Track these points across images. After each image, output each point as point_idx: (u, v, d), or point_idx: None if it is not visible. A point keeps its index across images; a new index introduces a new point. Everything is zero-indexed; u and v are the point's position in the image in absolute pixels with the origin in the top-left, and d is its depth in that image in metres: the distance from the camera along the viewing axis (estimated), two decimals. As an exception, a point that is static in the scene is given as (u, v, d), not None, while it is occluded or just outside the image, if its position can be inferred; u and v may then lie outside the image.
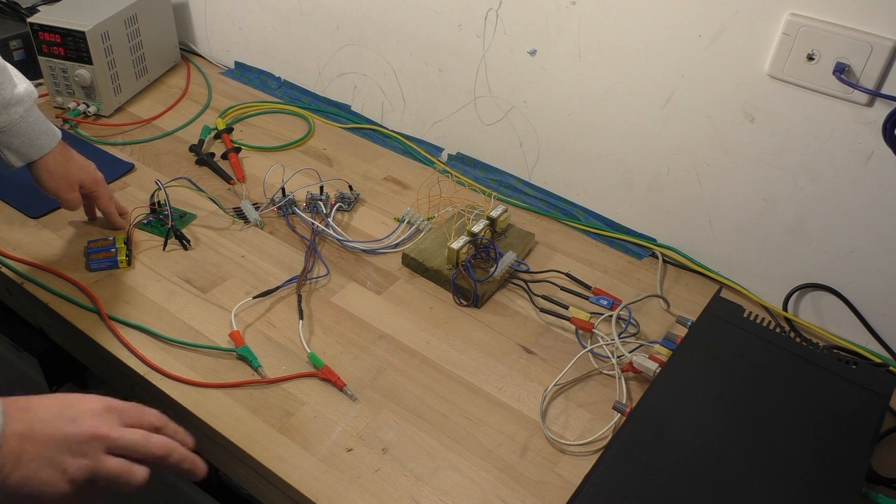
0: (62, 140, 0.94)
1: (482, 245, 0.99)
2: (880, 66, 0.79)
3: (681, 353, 0.79)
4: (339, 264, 1.00)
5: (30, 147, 0.89)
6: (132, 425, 0.57)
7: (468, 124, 1.20)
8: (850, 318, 0.94)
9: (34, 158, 0.90)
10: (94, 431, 0.53)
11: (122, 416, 0.56)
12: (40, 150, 0.90)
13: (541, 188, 1.17)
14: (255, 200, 1.09)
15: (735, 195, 0.97)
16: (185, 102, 1.35)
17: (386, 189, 1.17)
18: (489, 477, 0.74)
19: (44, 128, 0.91)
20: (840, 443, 0.69)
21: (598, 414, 0.82)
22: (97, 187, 0.97)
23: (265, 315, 0.90)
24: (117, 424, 0.55)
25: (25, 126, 0.88)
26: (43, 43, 1.20)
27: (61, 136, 0.94)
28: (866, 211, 0.88)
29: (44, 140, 0.90)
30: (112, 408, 0.56)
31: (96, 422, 0.54)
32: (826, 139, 0.87)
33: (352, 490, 0.71)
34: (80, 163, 0.96)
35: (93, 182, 0.96)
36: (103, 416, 0.54)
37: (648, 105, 0.99)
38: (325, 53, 1.32)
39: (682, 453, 0.67)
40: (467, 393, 0.83)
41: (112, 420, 0.55)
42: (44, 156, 0.91)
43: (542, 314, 0.94)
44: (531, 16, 1.03)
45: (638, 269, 1.05)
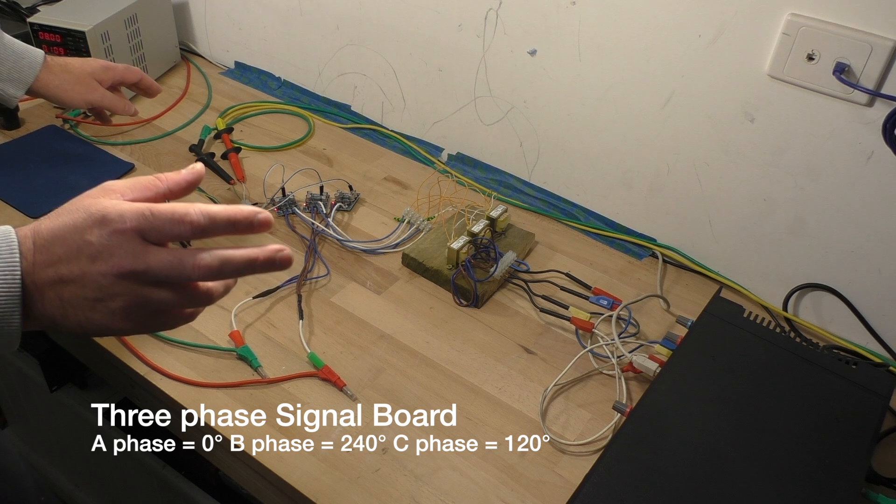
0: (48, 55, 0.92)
1: (482, 245, 0.99)
2: (880, 66, 0.79)
3: (681, 353, 0.79)
4: (339, 264, 1.00)
5: (19, 70, 0.87)
6: (161, 238, 0.46)
7: (468, 124, 1.20)
8: (850, 318, 0.94)
9: (30, 80, 0.88)
10: (121, 268, 0.45)
11: (145, 234, 0.45)
12: (31, 70, 0.88)
13: (541, 188, 1.17)
14: (255, 200, 1.09)
15: (735, 195, 0.97)
16: (185, 102, 1.35)
17: (386, 189, 1.17)
18: (489, 477, 0.74)
19: (21, 48, 0.88)
20: (840, 443, 0.69)
21: (598, 414, 0.82)
22: (111, 71, 0.93)
23: (265, 315, 0.90)
24: (143, 249, 0.45)
25: (2, 48, 0.85)
26: (43, 43, 1.20)
27: (44, 52, 0.92)
28: (866, 211, 0.88)
29: (29, 58, 0.88)
30: (131, 230, 0.45)
31: (118, 256, 0.44)
32: (826, 139, 0.87)
33: (352, 490, 0.71)
34: (78, 62, 0.93)
35: (103, 69, 0.93)
36: (124, 244, 0.45)
37: (648, 105, 0.99)
38: (325, 53, 1.32)
39: (682, 453, 0.67)
40: (467, 393, 0.83)
41: (136, 245, 0.45)
42: (39, 74, 0.88)
43: (542, 314, 0.94)
44: (531, 16, 1.03)
45: (638, 269, 1.05)
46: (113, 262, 0.45)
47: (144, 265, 0.45)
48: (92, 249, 0.44)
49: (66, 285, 0.45)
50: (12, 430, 1.42)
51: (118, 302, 0.46)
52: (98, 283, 0.45)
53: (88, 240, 0.44)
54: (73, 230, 0.45)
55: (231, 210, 0.47)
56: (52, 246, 0.45)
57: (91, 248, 0.44)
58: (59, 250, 0.45)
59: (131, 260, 0.45)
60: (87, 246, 0.44)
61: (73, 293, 0.45)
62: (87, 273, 0.45)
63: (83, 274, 0.45)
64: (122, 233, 0.45)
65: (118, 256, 0.45)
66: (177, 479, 1.01)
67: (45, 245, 0.45)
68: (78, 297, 0.45)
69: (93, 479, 1.28)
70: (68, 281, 0.45)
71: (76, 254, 0.45)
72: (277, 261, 0.47)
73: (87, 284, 0.45)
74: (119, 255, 0.45)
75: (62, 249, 0.45)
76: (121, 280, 0.45)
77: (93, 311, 0.46)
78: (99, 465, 1.20)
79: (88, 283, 0.45)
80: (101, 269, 0.45)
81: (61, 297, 0.45)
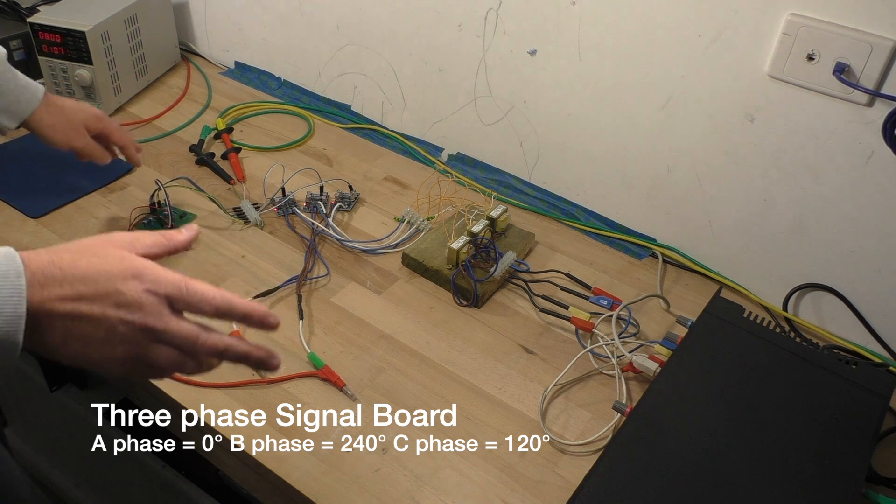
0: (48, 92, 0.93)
1: (482, 245, 0.99)
2: (880, 66, 0.79)
3: (681, 353, 0.79)
4: (339, 264, 1.00)
5: (17, 103, 0.88)
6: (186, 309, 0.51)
7: (468, 124, 1.20)
8: (850, 318, 0.94)
9: (26, 115, 0.89)
10: (146, 326, 0.49)
11: (176, 304, 0.50)
12: (29, 105, 0.89)
13: (541, 188, 1.17)
14: (255, 200, 1.09)
15: (735, 195, 0.97)
16: (185, 102, 1.35)
17: (386, 189, 1.17)
18: (489, 477, 0.74)
19: (24, 83, 0.90)
20: (840, 443, 0.69)
21: (598, 414, 0.82)
22: (102, 122, 0.96)
23: (265, 315, 0.90)
24: (168, 312, 0.50)
25: (6, 82, 0.86)
26: (43, 43, 1.20)
27: (44, 89, 0.93)
28: (866, 211, 0.88)
29: (29, 94, 0.89)
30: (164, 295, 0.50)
31: (148, 315, 0.49)
32: (826, 139, 0.87)
33: (352, 490, 0.71)
34: (74, 106, 0.95)
35: (95, 119, 0.95)
36: (153, 304, 0.49)
37: (648, 105, 0.99)
38: (325, 53, 1.32)
39: (682, 453, 0.67)
40: (467, 393, 0.83)
41: (162, 309, 0.49)
42: (36, 110, 0.90)
43: (542, 314, 0.94)
44: (531, 16, 1.03)
45: (638, 269, 1.05)
46: (138, 316, 0.48)
47: (164, 326, 0.49)
48: (122, 298, 0.48)
49: (80, 322, 0.47)
50: (12, 430, 1.42)
51: (123, 349, 0.49)
52: (115, 328, 0.48)
53: (120, 289, 0.48)
54: (105, 275, 0.48)
55: (249, 306, 0.53)
56: (77, 283, 0.47)
57: (121, 297, 0.48)
58: (85, 289, 0.47)
59: (155, 319, 0.49)
60: (118, 294, 0.48)
61: (84, 330, 0.48)
62: (108, 317, 0.48)
63: (104, 317, 0.48)
64: (155, 294, 0.49)
65: (144, 312, 0.48)
66: (177, 479, 1.01)
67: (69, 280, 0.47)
68: (86, 335, 0.48)
69: (93, 479, 1.28)
70: (86, 318, 0.47)
71: (103, 297, 0.48)
72: (268, 363, 0.54)
73: (102, 326, 0.48)
74: (145, 311, 0.48)
75: (88, 289, 0.47)
76: (137, 332, 0.48)
77: (93, 349, 0.48)
78: (99, 465, 1.20)
79: (104, 326, 0.48)
80: (124, 318, 0.48)
81: (70, 330, 0.47)
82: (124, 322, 0.48)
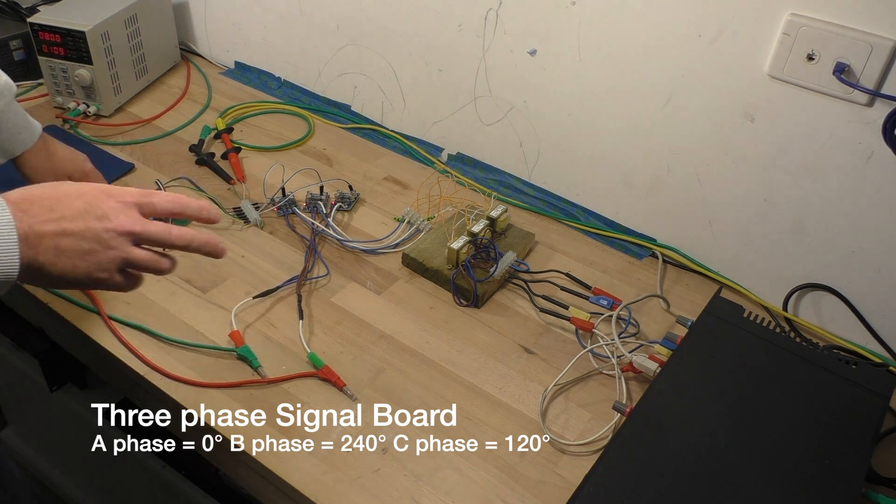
0: (46, 134, 0.93)
1: (482, 245, 0.99)
2: (880, 66, 0.79)
3: (681, 353, 0.79)
4: (339, 264, 1.00)
5: (11, 142, 0.88)
6: (153, 215, 0.60)
7: (468, 124, 1.20)
8: (850, 318, 0.94)
9: (16, 154, 0.90)
10: (122, 227, 0.57)
11: (142, 208, 0.59)
12: (22, 145, 0.89)
13: (541, 188, 1.17)
14: (255, 200, 1.09)
15: (735, 195, 0.97)
16: (185, 102, 1.35)
17: (386, 189, 1.17)
18: (489, 477, 0.74)
19: (24, 122, 0.90)
20: (840, 443, 0.69)
21: (598, 414, 0.82)
22: (88, 179, 0.95)
23: (265, 315, 0.90)
24: (140, 218, 0.58)
25: (5, 121, 0.87)
26: (43, 43, 1.20)
27: (41, 130, 0.93)
28: (866, 211, 0.88)
29: (25, 134, 0.90)
30: (132, 203, 0.58)
31: (122, 218, 0.57)
32: (826, 139, 0.87)
33: (352, 490, 0.71)
34: (65, 156, 0.94)
35: (82, 175, 0.95)
36: (126, 211, 0.58)
37: (648, 105, 0.99)
38: (325, 53, 1.32)
39: (683, 453, 0.67)
40: (467, 393, 0.83)
41: (135, 215, 0.58)
42: (26, 151, 0.90)
43: (542, 314, 0.94)
44: (531, 16, 1.03)
45: (638, 269, 1.05)
46: (118, 223, 0.57)
47: (142, 227, 0.58)
48: (99, 211, 0.56)
49: (66, 237, 0.55)
50: (12, 430, 1.42)
51: (109, 255, 0.57)
52: (99, 237, 0.56)
53: (96, 204, 0.56)
54: (78, 196, 0.56)
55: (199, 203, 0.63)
56: (56, 205, 0.55)
57: (98, 210, 0.56)
58: (64, 210, 0.55)
59: (132, 223, 0.57)
60: (95, 209, 0.56)
61: (72, 244, 0.55)
62: (91, 228, 0.56)
63: (86, 229, 0.55)
64: (125, 203, 0.58)
65: (122, 219, 0.57)
66: (177, 479, 1.01)
67: (46, 205, 0.55)
68: (74, 248, 0.55)
69: (93, 479, 1.28)
70: (71, 234, 0.55)
71: (82, 214, 0.55)
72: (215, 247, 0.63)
73: (87, 237, 0.55)
74: (122, 218, 0.57)
75: (67, 209, 0.55)
76: (119, 236, 0.57)
77: (82, 261, 0.56)
78: (99, 465, 1.20)
79: (89, 237, 0.56)
80: (107, 227, 0.56)
81: (58, 246, 0.54)
82: (107, 230, 0.56)
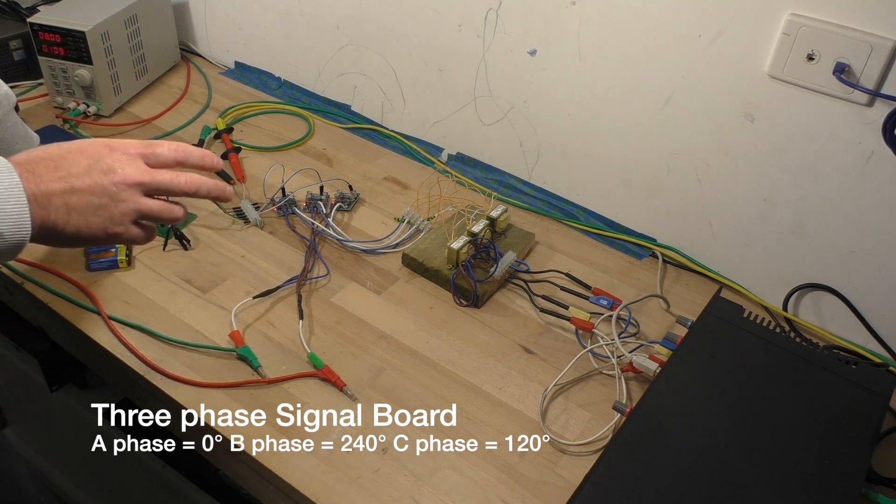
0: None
1: (482, 245, 0.99)
2: (880, 66, 0.79)
3: (681, 353, 0.79)
4: (339, 264, 1.00)
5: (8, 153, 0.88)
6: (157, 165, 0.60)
7: (468, 124, 1.20)
8: (850, 318, 0.94)
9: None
10: (129, 179, 0.57)
11: (147, 158, 0.59)
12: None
13: (541, 188, 1.17)
14: (255, 200, 1.09)
15: (735, 195, 0.97)
16: (185, 102, 1.35)
17: (386, 189, 1.17)
18: (489, 477, 0.74)
19: (21, 133, 0.90)
20: (840, 443, 0.69)
21: (598, 414, 0.82)
22: None
23: (265, 315, 0.90)
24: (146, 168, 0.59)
25: (4, 130, 0.87)
26: (43, 43, 1.20)
27: (39, 142, 0.93)
28: (866, 211, 0.88)
29: (21, 146, 0.90)
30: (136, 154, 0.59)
31: (128, 170, 0.57)
32: (826, 139, 0.87)
33: (352, 490, 0.71)
34: None
35: None
36: (132, 163, 0.58)
37: (648, 105, 0.99)
38: (325, 53, 1.32)
39: (683, 453, 0.67)
40: (467, 393, 0.83)
41: (141, 165, 0.58)
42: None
43: (542, 314, 0.94)
44: (531, 16, 1.03)
45: (638, 269, 1.05)
46: (125, 174, 0.57)
47: (150, 177, 0.58)
48: (105, 166, 0.56)
49: (75, 194, 0.55)
50: (12, 430, 1.42)
51: (120, 208, 0.57)
52: (108, 191, 0.56)
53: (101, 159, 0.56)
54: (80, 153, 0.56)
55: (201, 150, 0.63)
56: (61, 163, 0.55)
57: (104, 164, 0.56)
58: (70, 167, 0.55)
59: (139, 174, 0.58)
60: (100, 163, 0.56)
61: (81, 200, 0.55)
62: (98, 183, 0.56)
63: (94, 184, 0.55)
64: (130, 156, 0.58)
65: (129, 171, 0.57)
66: (177, 479, 1.01)
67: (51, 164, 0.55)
68: (84, 204, 0.55)
69: (93, 479, 1.28)
70: (79, 190, 0.55)
71: (87, 170, 0.55)
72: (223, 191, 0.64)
73: (97, 192, 0.56)
74: (129, 170, 0.57)
75: (73, 167, 0.55)
76: (128, 188, 0.57)
77: (94, 216, 0.56)
78: (99, 465, 1.20)
79: (97, 192, 0.56)
80: (114, 180, 0.56)
81: (68, 204, 0.55)
82: (115, 184, 0.56)
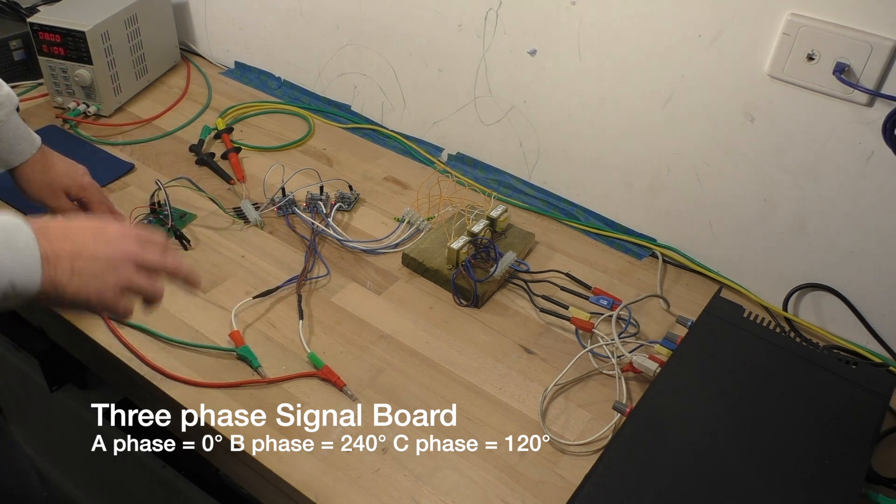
0: (46, 147, 0.93)
1: (482, 245, 0.99)
2: (880, 66, 0.79)
3: (681, 353, 0.79)
4: (339, 264, 1.00)
5: (10, 153, 0.90)
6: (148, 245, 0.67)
7: (468, 124, 1.20)
8: (850, 318, 0.94)
9: (14, 164, 0.90)
10: (128, 252, 0.64)
11: (139, 238, 0.67)
12: (20, 156, 0.90)
13: (541, 188, 1.17)
14: (255, 200, 1.09)
15: (735, 195, 0.97)
16: (185, 102, 1.35)
17: (386, 189, 1.17)
18: (489, 477, 0.74)
19: (23, 133, 0.91)
20: (840, 443, 0.69)
21: (598, 414, 0.82)
22: (84, 194, 0.94)
23: (265, 315, 0.90)
24: (139, 246, 0.66)
25: (6, 131, 0.88)
26: (43, 43, 1.20)
27: (41, 143, 0.93)
28: (866, 211, 0.88)
29: (23, 146, 0.90)
30: (131, 234, 0.66)
31: (127, 244, 0.65)
32: (826, 139, 0.87)
33: (352, 490, 0.71)
34: (63, 169, 0.94)
35: (79, 188, 0.94)
36: (130, 239, 0.65)
37: (648, 105, 0.99)
38: (325, 53, 1.32)
39: (683, 453, 0.67)
40: (467, 393, 0.83)
41: (136, 243, 0.66)
42: (23, 163, 0.91)
43: (542, 314, 0.94)
44: (531, 16, 1.03)
45: (638, 269, 1.05)
46: (124, 247, 0.64)
47: (143, 253, 0.66)
48: (108, 237, 0.64)
49: (80, 258, 0.61)
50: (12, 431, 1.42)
51: (115, 277, 0.63)
52: (110, 260, 0.63)
53: (104, 232, 0.64)
54: (87, 228, 0.64)
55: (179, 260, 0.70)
56: (70, 233, 0.62)
57: (107, 236, 0.64)
58: (78, 236, 0.62)
59: (136, 248, 0.65)
60: (103, 235, 0.64)
61: (84, 265, 0.62)
62: (101, 252, 0.63)
63: (97, 252, 0.63)
64: (128, 233, 0.66)
65: (127, 245, 0.65)
66: (177, 479, 1.01)
67: (63, 233, 0.62)
68: (87, 269, 0.62)
69: (93, 479, 1.28)
70: (85, 257, 0.62)
71: (93, 240, 0.63)
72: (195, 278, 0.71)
73: (99, 260, 0.62)
74: (127, 245, 0.65)
75: (80, 236, 0.63)
76: (125, 261, 0.64)
77: (92, 281, 0.62)
78: (99, 465, 1.20)
79: (100, 260, 0.63)
80: (115, 251, 0.64)
81: (73, 267, 0.61)
82: (115, 253, 0.64)
